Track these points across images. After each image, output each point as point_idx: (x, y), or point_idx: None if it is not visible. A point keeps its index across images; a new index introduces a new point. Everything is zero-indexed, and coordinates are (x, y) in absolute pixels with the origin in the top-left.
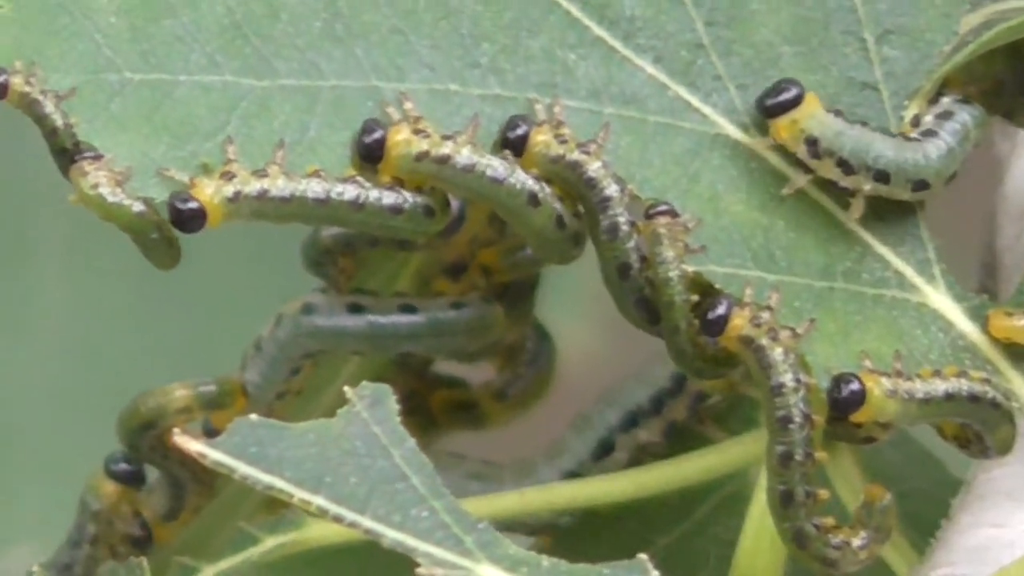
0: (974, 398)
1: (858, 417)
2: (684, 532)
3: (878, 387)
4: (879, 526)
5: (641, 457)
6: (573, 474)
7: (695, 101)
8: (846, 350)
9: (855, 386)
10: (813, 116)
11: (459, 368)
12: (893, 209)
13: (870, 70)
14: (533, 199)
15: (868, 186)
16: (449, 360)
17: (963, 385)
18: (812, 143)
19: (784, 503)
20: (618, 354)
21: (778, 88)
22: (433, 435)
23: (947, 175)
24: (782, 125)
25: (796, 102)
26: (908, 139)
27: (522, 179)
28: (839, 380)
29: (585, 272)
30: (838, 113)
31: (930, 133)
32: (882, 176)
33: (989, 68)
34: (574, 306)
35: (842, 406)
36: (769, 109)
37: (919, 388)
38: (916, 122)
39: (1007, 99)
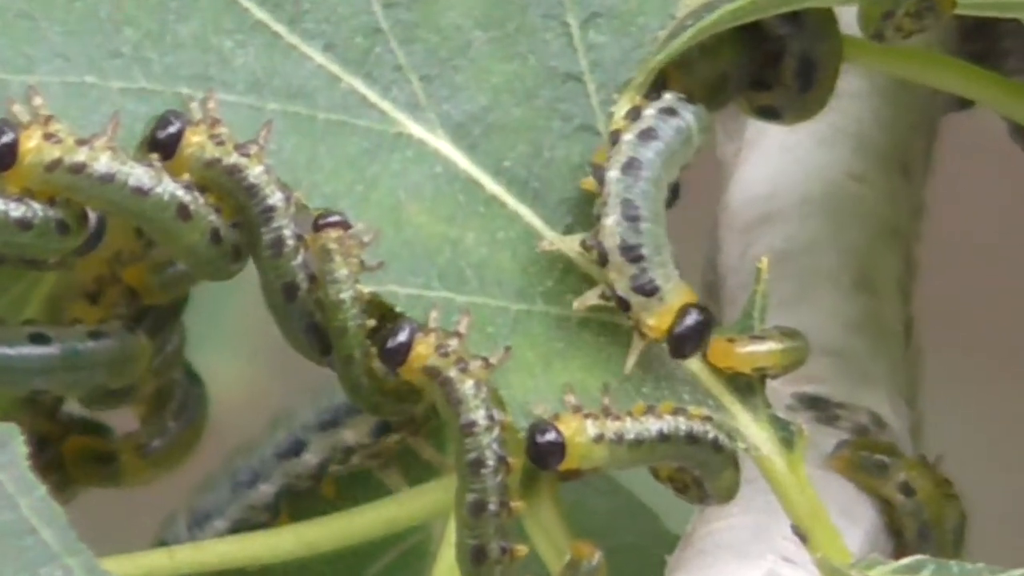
0: (692, 439)
1: (561, 467)
2: None
3: (580, 434)
4: None
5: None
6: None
7: (372, 95)
8: (547, 382)
9: (552, 436)
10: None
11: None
12: None
13: (574, 59)
14: (183, 212)
15: None
16: (87, 403)
17: (680, 424)
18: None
19: (475, 560)
20: (276, 395)
21: None
22: (69, 495)
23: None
24: None
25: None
26: (625, 171)
27: (171, 189)
28: (534, 429)
29: (236, 300)
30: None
31: (649, 134)
32: None
33: (714, 65)
34: (222, 340)
35: (540, 458)
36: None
37: (629, 429)
38: (636, 115)
39: (731, 93)
